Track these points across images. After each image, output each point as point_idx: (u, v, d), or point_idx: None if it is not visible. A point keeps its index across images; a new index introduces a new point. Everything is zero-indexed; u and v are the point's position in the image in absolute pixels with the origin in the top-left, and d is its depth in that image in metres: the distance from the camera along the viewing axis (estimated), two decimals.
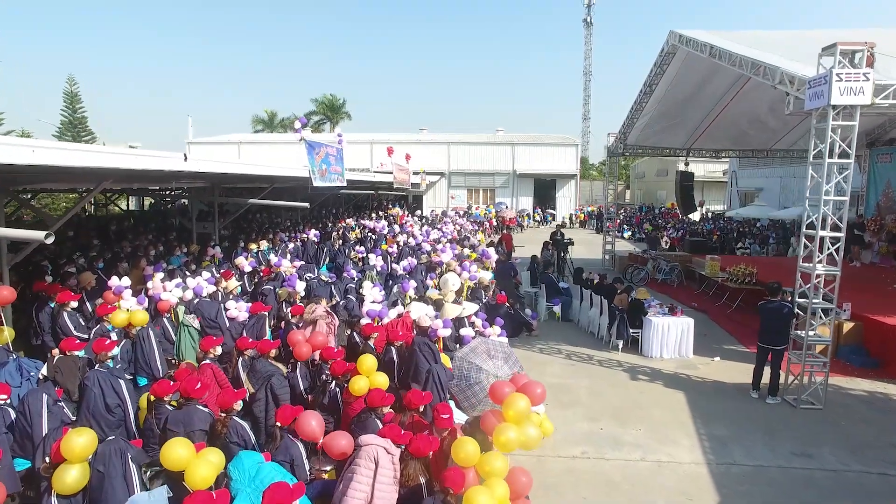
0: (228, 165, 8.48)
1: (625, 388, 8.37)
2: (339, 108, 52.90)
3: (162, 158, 6.36)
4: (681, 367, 9.34)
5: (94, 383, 4.86)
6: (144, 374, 6.04)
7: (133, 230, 14.06)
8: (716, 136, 18.74)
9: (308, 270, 11.67)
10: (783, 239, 22.15)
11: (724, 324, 12.16)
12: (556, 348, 10.33)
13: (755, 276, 13.26)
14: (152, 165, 6.09)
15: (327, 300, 8.47)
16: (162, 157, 6.40)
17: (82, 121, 35.00)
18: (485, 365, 6.24)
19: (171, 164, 6.55)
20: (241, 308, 7.45)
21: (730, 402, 7.82)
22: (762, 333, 7.86)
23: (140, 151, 5.88)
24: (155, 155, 6.25)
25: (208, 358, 5.96)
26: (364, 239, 17.17)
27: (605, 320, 10.67)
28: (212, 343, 5.98)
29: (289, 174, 11.12)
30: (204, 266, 11.08)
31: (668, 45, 13.63)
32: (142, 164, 5.83)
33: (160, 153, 6.46)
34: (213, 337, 7.12)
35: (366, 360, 5.23)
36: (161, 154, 6.43)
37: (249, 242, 13.32)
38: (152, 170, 6.22)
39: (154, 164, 6.19)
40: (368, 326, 6.76)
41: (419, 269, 12.08)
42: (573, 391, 8.21)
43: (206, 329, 7.36)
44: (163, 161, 6.35)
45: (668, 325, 9.86)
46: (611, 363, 9.54)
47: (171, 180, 8.10)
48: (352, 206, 27.30)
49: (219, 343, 6.04)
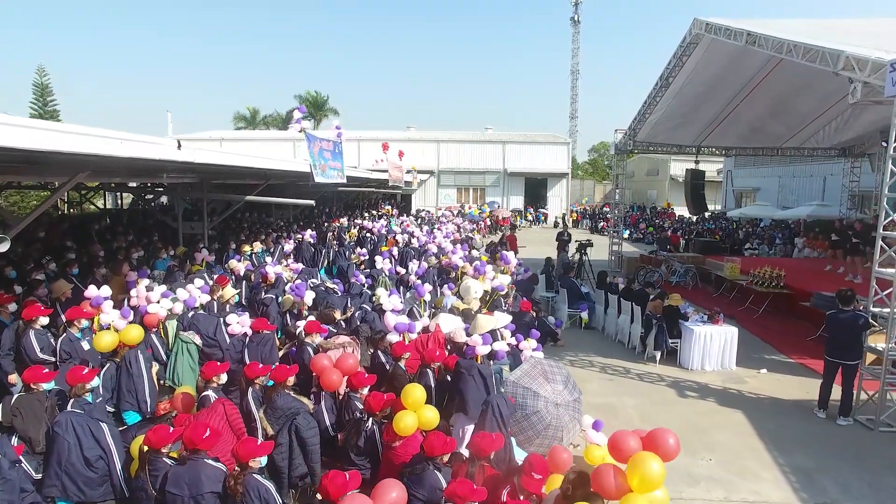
0: (227, 157, 7.36)
1: (676, 408, 7.50)
2: (323, 104, 51.40)
3: (152, 145, 5.26)
4: (728, 381, 8.52)
5: (66, 430, 3.76)
6: (131, 407, 4.92)
7: (111, 230, 12.73)
8: (725, 134, 18.12)
9: (309, 275, 10.58)
10: (788, 239, 21.67)
11: (755, 330, 11.40)
12: (587, 360, 9.43)
13: (783, 279, 12.57)
14: (141, 153, 4.99)
15: (341, 312, 7.44)
16: (152, 143, 5.30)
17: (54, 115, 32.97)
18: (542, 391, 5.29)
19: (163, 152, 5.45)
20: (243, 322, 6.34)
21: (796, 424, 6.99)
22: (832, 347, 7.05)
23: (126, 135, 4.78)
24: (144, 141, 5.14)
25: (210, 388, 4.90)
26: (363, 240, 16.07)
27: (638, 329, 9.80)
28: (216, 370, 4.90)
29: (290, 168, 10.02)
30: (194, 271, 9.91)
31: (690, 34, 12.86)
32: (128, 151, 4.72)
33: (150, 139, 5.35)
34: (213, 358, 6.08)
35: (412, 392, 4.24)
36: (151, 140, 5.33)
37: (242, 244, 12.14)
38: (140, 158, 5.11)
39: (143, 152, 5.09)
40: (399, 345, 5.74)
41: (431, 273, 11.09)
42: (621, 413, 7.30)
43: (204, 349, 6.26)
44: (153, 149, 5.25)
45: (710, 335, 9.03)
46: (651, 377, 8.67)
47: (158, 173, 6.96)
48: (342, 205, 26.11)
49: (224, 369, 4.97)
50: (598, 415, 6.77)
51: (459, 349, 6.44)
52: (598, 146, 76.44)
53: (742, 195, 33.63)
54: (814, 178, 26.03)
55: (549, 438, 5.24)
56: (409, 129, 42.94)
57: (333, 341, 5.71)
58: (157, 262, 10.37)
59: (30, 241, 10.26)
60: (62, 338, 5.42)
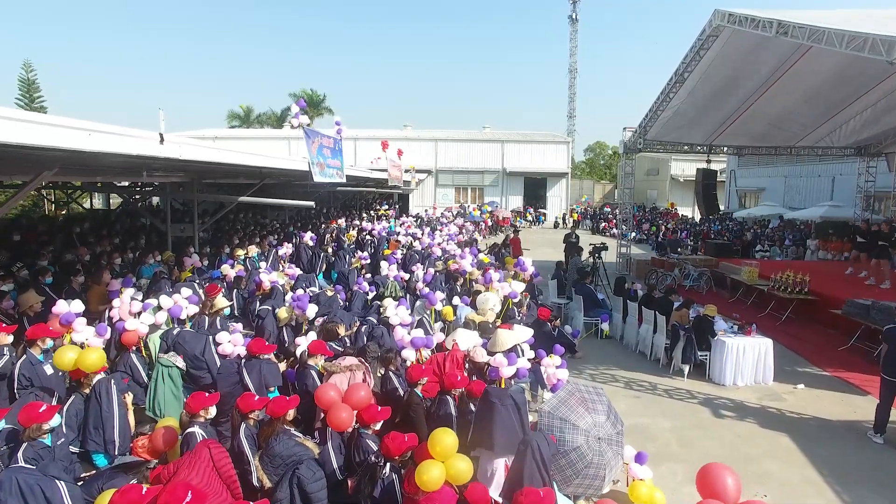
0: (219, 153, 6.57)
1: (716, 431, 6.80)
2: (319, 103, 50.46)
3: (129, 139, 4.50)
4: (764, 398, 7.84)
5: (10, 492, 2.99)
6: (97, 447, 4.15)
7: (94, 233, 11.89)
8: (738, 133, 17.50)
9: (307, 282, 9.82)
10: (800, 241, 21.08)
11: (782, 339, 10.69)
12: (609, 375, 8.73)
13: (807, 285, 11.92)
14: (115, 147, 4.23)
15: (346, 327, 6.69)
16: (129, 136, 4.53)
17: (41, 111, 32.03)
18: (582, 422, 4.56)
19: (142, 147, 4.69)
20: (236, 342, 5.58)
21: (852, 450, 6.31)
22: (891, 365, 6.37)
23: (97, 126, 4.03)
24: (119, 133, 4.38)
25: (197, 423, 4.15)
26: (363, 243, 15.31)
27: (662, 339, 9.12)
28: (203, 402, 4.15)
29: (287, 167, 9.25)
30: (184, 278, 9.12)
31: (710, 26, 12.18)
32: (98, 145, 3.97)
33: (128, 131, 4.58)
34: (200, 381, 5.33)
35: (441, 439, 3.51)
36: (128, 132, 4.56)
37: (235, 248, 11.34)
38: (113, 153, 4.34)
39: (117, 146, 4.33)
40: (415, 369, 5.00)
41: (438, 279, 10.34)
42: (656, 436, 6.60)
43: (190, 371, 5.50)
44: (130, 143, 4.48)
45: (742, 347, 8.35)
46: (681, 394, 7.98)
47: (140, 171, 6.20)
48: (340, 206, 25.32)
49: (213, 401, 4.23)
50: (631, 439, 6.10)
51: (480, 370, 5.72)
52: (594, 146, 76.01)
53: (745, 195, 33.10)
54: (822, 179, 25.49)
55: (591, 478, 4.52)
56: (406, 127, 42.13)
57: (339, 364, 4.97)
58: (142, 269, 9.59)
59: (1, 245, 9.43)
60: (21, 360, 4.64)
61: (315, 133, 11.35)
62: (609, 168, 68.36)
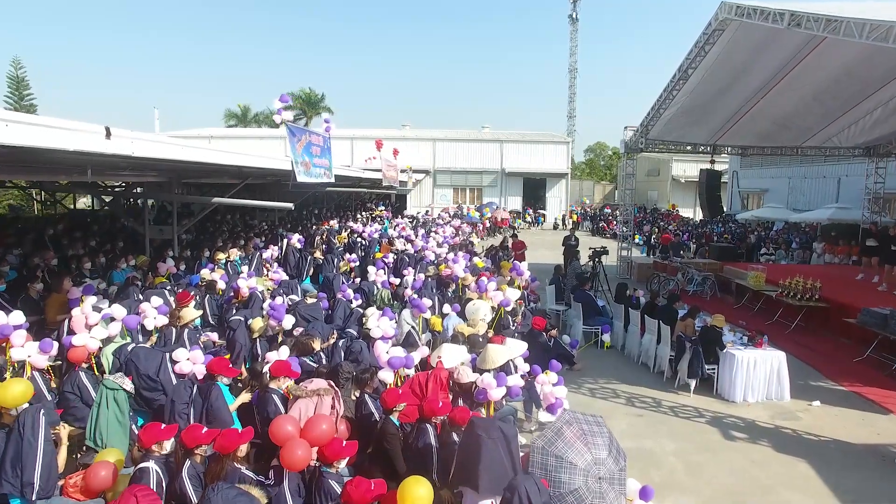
0: (182, 150, 5.96)
1: (727, 455, 6.23)
2: (318, 102, 49.91)
3: (61, 132, 3.91)
4: (777, 416, 7.27)
5: None
6: (13, 490, 3.57)
7: (69, 236, 11.30)
8: (743, 132, 16.96)
9: (289, 289, 9.24)
10: (806, 244, 20.50)
11: (793, 349, 10.05)
12: (609, 389, 8.16)
13: (818, 291, 11.34)
14: (38, 141, 3.64)
15: (322, 340, 6.12)
16: (63, 129, 3.95)
17: (31, 109, 31.48)
18: (581, 460, 3.97)
19: (80, 141, 4.11)
20: (196, 359, 5.00)
21: (878, 478, 5.74)
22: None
23: (17, 116, 3.46)
24: (47, 125, 3.80)
25: (153, 458, 3.60)
26: (353, 245, 14.73)
27: (666, 351, 8.55)
28: (157, 436, 3.60)
29: (266, 166, 8.69)
30: (156, 284, 8.56)
31: (716, 20, 11.62)
32: (13, 139, 3.38)
33: (64, 123, 4.00)
34: (154, 404, 4.77)
35: (411, 490, 2.93)
36: (63, 125, 3.98)
37: (216, 251, 10.76)
38: (41, 148, 3.77)
39: (45, 140, 3.74)
40: (391, 394, 4.42)
41: (428, 285, 9.76)
42: (661, 461, 6.03)
43: (143, 392, 4.93)
44: (60, 137, 3.90)
45: (753, 361, 7.78)
46: (687, 412, 7.41)
47: (84, 169, 5.59)
48: (334, 206, 24.75)
49: (169, 435, 3.67)
50: (634, 465, 5.55)
51: (467, 392, 5.15)
52: (594, 146, 75.49)
53: (748, 197, 32.52)
54: (827, 180, 24.92)
55: None
56: (405, 127, 41.60)
57: (305, 388, 4.39)
58: (113, 274, 9.02)
59: None
60: None
61: (301, 130, 10.78)
62: (609, 169, 67.81)
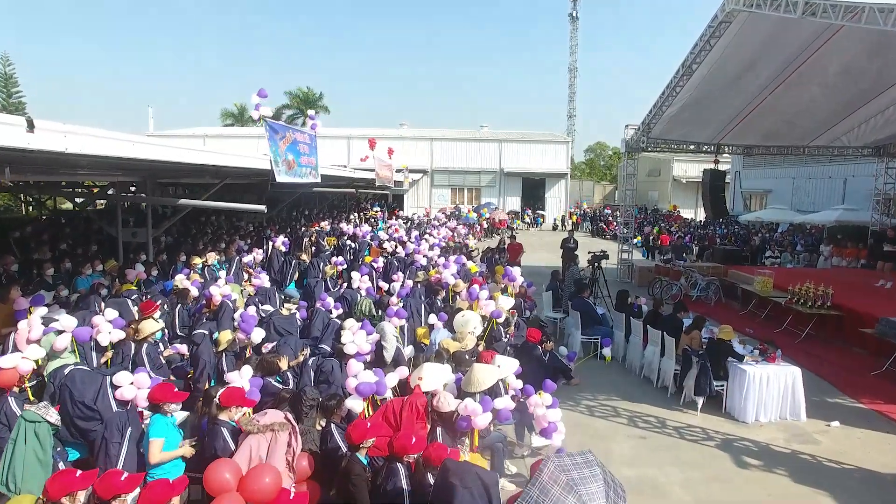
0: (130, 146, 5.26)
1: (738, 486, 5.62)
2: (315, 101, 49.28)
3: None
4: (793, 440, 6.66)
5: None
6: None
7: (36, 239, 10.68)
8: (747, 131, 16.35)
9: (268, 297, 8.65)
10: (811, 246, 19.89)
11: (805, 362, 9.42)
12: (609, 407, 7.54)
13: (830, 298, 10.72)
14: None
15: (293, 356, 5.51)
16: None
17: (20, 106, 30.92)
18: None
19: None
20: (141, 384, 4.39)
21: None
22: None
23: None
24: None
25: None
26: (342, 248, 14.12)
27: (671, 365, 7.94)
28: (69, 486, 3.00)
29: (243, 165, 8.06)
30: (123, 291, 7.94)
31: (722, 11, 11.00)
32: None
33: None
34: (90, 436, 4.18)
35: None
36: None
37: (193, 255, 10.14)
38: None
39: None
40: (358, 428, 3.81)
41: (416, 292, 9.15)
42: (666, 494, 5.42)
43: (77, 422, 4.31)
44: None
45: (766, 377, 7.17)
46: (695, 434, 6.80)
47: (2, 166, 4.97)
48: (326, 207, 24.13)
49: (86, 484, 3.05)
50: (636, 495, 4.99)
51: (448, 421, 4.53)
52: (594, 146, 74.89)
53: (751, 197, 31.90)
54: (833, 180, 24.30)
55: None
56: (402, 126, 41.02)
57: (257, 422, 3.78)
58: (78, 280, 8.42)
59: None
60: None
61: (284, 127, 10.18)
62: (609, 169, 67.22)
